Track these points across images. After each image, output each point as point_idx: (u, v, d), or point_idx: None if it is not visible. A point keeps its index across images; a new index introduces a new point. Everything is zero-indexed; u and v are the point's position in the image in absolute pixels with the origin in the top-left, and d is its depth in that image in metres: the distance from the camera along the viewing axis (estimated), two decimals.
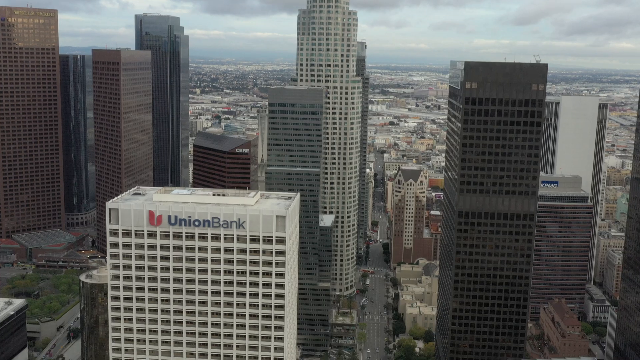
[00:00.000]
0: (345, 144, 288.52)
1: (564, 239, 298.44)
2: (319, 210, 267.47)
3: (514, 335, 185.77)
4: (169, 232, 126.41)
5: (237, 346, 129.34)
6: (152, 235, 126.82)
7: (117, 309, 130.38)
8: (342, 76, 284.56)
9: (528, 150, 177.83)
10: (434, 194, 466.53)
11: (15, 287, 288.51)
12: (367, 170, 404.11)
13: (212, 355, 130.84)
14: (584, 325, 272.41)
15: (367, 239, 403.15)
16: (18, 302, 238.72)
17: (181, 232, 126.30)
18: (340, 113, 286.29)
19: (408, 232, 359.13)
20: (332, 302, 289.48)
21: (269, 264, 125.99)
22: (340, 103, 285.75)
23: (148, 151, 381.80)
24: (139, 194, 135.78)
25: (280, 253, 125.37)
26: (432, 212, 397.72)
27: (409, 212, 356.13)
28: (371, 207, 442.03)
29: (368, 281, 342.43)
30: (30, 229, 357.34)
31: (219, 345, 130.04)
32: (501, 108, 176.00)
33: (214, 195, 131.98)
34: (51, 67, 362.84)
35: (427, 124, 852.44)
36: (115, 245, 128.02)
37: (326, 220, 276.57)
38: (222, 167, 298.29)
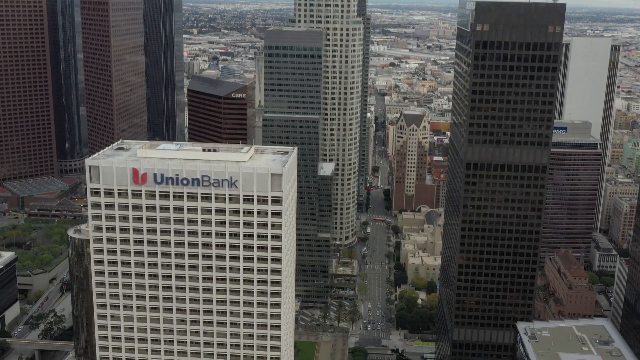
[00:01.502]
0: (345, 88, 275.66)
1: (571, 186, 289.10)
2: (318, 158, 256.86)
3: (523, 292, 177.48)
4: (154, 191, 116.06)
5: (231, 313, 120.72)
6: (136, 194, 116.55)
7: (101, 273, 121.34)
8: (342, 17, 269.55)
9: (542, 98, 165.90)
10: (435, 138, 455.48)
11: (6, 237, 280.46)
12: (368, 115, 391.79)
13: (204, 322, 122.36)
14: (589, 275, 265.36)
15: (368, 185, 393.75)
16: (7, 255, 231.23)
17: (168, 192, 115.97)
18: (341, 56, 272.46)
19: (410, 179, 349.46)
20: (332, 252, 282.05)
21: (264, 225, 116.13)
22: (341, 46, 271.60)
23: (141, 95, 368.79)
24: (122, 148, 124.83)
25: (277, 214, 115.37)
26: (435, 158, 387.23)
27: (411, 159, 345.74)
28: (372, 152, 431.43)
29: (369, 229, 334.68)
30: (22, 177, 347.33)
31: (212, 311, 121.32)
32: (514, 52, 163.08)
33: (204, 150, 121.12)
34: (38, 7, 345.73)
35: (429, 65, 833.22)
36: (97, 205, 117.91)
37: (326, 168, 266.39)
38: (218, 113, 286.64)
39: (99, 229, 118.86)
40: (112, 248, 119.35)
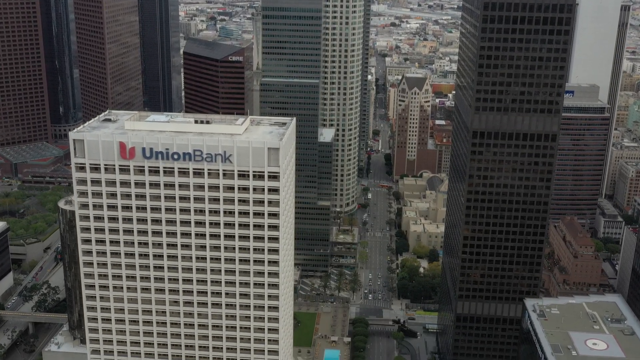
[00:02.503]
0: (346, 51, 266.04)
1: (576, 152, 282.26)
2: (318, 124, 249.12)
3: (529, 265, 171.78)
4: (143, 166, 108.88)
5: (227, 294, 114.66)
6: (124, 170, 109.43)
7: (88, 252, 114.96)
8: None
9: (554, 63, 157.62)
10: (437, 100, 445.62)
11: None
12: (369, 77, 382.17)
13: (198, 303, 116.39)
14: (594, 242, 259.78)
15: (368, 149, 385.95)
16: None
17: (158, 167, 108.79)
18: (341, 17, 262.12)
19: (412, 143, 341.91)
20: (333, 220, 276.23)
21: (261, 202, 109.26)
22: (341, 6, 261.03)
23: (136, 57, 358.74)
24: (109, 119, 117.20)
25: (274, 190, 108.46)
26: (437, 122, 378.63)
27: (413, 123, 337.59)
28: (372, 115, 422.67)
29: (370, 195, 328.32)
30: (15, 143, 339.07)
31: (206, 292, 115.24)
32: (525, 14, 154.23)
33: (196, 122, 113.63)
34: None
35: (430, 25, 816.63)
36: (82, 182, 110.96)
37: (326, 135, 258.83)
38: (215, 76, 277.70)
39: (85, 206, 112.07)
40: (100, 226, 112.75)
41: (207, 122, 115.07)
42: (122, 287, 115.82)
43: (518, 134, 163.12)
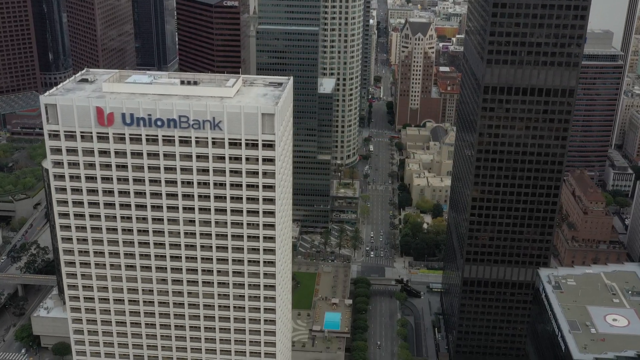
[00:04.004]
0: None
1: (587, 102, 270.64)
2: (317, 74, 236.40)
3: (541, 227, 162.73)
4: (124, 134, 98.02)
5: (219, 271, 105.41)
6: (103, 138, 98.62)
7: (67, 227, 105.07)
8: None
9: (574, 12, 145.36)
10: (441, 45, 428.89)
11: None
12: (370, 21, 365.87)
13: (187, 281, 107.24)
14: (604, 195, 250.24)
15: (370, 97, 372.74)
16: None
17: (140, 135, 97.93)
18: None
19: (415, 91, 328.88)
20: (333, 173, 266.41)
21: (254, 174, 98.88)
22: None
23: None
24: (86, 80, 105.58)
25: (269, 160, 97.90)
26: (441, 69, 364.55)
27: (416, 70, 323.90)
28: (374, 61, 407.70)
29: (371, 147, 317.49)
30: (3, 92, 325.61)
31: (196, 270, 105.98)
32: None
33: (182, 84, 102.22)
34: None
35: None
36: (57, 150, 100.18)
37: (326, 85, 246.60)
38: (209, 23, 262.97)
39: (61, 177, 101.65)
40: (78, 199, 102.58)
41: (195, 83, 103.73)
42: (105, 272, 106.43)
43: (533, 89, 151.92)
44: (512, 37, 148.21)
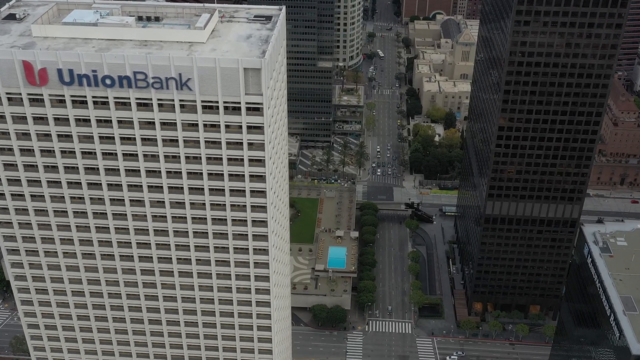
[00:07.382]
0: None
1: None
2: None
3: (577, 159, 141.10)
4: (63, 96, 74.27)
5: (198, 260, 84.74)
6: (36, 100, 74.96)
7: (4, 209, 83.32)
8: None
9: None
10: None
11: None
12: None
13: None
14: (636, 101, 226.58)
15: None
16: None
17: (85, 97, 74.19)
18: None
19: None
20: (335, 78, 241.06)
21: (239, 144, 75.91)
22: None
23: None
24: (14, 17, 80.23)
25: (256, 128, 74.59)
26: None
27: None
28: None
29: (376, 44, 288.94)
30: None
31: (170, 259, 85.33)
32: None
33: (140, 20, 77.19)
34: None
35: None
36: None
37: None
38: None
39: None
40: (15, 176, 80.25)
41: (157, 19, 78.67)
42: (56, 252, 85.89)
43: None
44: None
